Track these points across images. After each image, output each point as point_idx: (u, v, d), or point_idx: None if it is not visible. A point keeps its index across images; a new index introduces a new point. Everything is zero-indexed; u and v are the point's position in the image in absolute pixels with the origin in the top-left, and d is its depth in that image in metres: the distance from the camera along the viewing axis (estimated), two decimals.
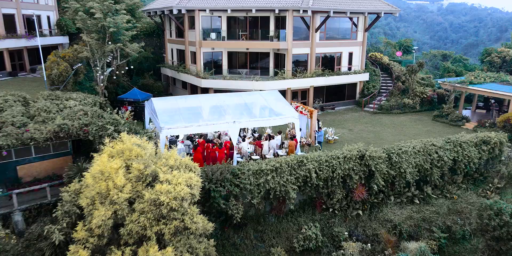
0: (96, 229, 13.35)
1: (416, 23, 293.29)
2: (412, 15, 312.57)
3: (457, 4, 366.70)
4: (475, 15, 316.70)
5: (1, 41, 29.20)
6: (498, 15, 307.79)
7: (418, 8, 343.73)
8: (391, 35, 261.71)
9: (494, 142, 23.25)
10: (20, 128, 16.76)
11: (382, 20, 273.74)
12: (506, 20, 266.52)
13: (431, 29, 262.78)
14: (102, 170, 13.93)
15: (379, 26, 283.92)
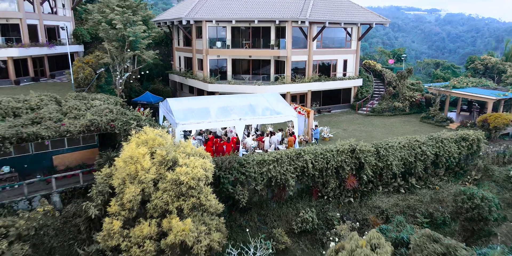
0: (127, 204, 15.99)
1: (414, 33, 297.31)
2: (410, 25, 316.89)
3: (454, 14, 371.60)
4: (472, 25, 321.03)
5: (26, 49, 32.16)
6: (495, 25, 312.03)
7: (416, 18, 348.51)
8: (389, 44, 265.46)
9: (472, 139, 25.94)
10: (57, 122, 19.48)
11: (381, 30, 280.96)
12: (503, 30, 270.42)
13: (429, 39, 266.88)
14: (131, 155, 16.60)
15: (377, 36, 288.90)
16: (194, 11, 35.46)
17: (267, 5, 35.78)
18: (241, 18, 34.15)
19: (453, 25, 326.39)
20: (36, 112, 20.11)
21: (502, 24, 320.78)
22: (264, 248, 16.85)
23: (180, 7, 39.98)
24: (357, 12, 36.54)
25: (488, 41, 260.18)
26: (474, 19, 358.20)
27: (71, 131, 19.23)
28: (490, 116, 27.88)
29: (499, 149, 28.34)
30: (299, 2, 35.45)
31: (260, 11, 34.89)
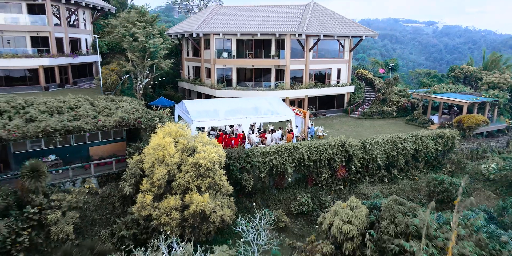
0: (156, 182, 19.80)
1: (412, 44, 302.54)
2: (408, 37, 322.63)
3: (451, 26, 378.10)
4: (469, 37, 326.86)
5: (55, 58, 36.16)
6: (492, 37, 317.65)
7: (414, 30, 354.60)
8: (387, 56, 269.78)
9: (447, 137, 29.80)
10: (93, 119, 23.36)
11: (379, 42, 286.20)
12: (499, 42, 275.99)
13: (426, 51, 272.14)
14: (159, 144, 20.46)
15: (375, 48, 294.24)
16: (203, 25, 39.67)
17: (268, 20, 40.05)
18: (245, 32, 38.33)
19: (450, 37, 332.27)
20: (75, 111, 24.00)
21: (499, 36, 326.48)
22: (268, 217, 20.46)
23: (190, 22, 44.26)
24: (348, 26, 40.77)
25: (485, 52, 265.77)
26: (471, 31, 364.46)
27: (106, 126, 23.13)
28: (464, 117, 31.81)
29: (473, 146, 32.20)
30: (297, 17, 39.73)
31: (262, 25, 39.13)
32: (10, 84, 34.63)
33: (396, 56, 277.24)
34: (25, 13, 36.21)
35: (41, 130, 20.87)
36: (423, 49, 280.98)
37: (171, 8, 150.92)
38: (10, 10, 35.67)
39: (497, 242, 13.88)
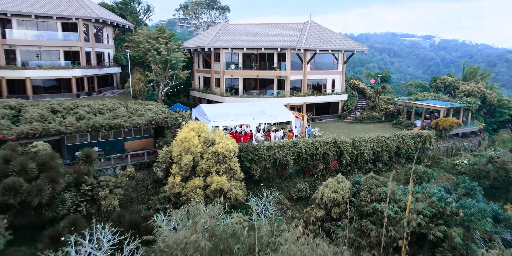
0: (184, 167, 24.75)
1: (410, 58, 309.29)
2: (406, 51, 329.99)
3: (448, 40, 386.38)
4: (466, 51, 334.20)
5: (85, 70, 41.49)
6: (488, 51, 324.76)
7: (412, 44, 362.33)
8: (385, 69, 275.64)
9: (425, 136, 34.84)
10: (129, 118, 28.44)
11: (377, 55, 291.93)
12: (495, 56, 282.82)
13: (424, 64, 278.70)
14: (185, 137, 25.49)
15: (373, 61, 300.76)
16: (214, 41, 45.15)
17: (271, 36, 45.56)
18: (250, 46, 43.78)
19: (447, 51, 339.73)
20: (113, 112, 29.11)
21: (495, 49, 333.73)
22: (273, 194, 25.31)
23: (201, 37, 49.81)
24: (341, 41, 46.28)
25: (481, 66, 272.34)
26: (468, 45, 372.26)
27: (139, 124, 28.23)
28: (440, 120, 36.93)
29: (448, 145, 37.22)
30: (296, 34, 45.25)
31: (265, 41, 44.61)
32: (48, 92, 39.83)
33: (394, 69, 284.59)
34: (60, 30, 41.68)
35: (90, 125, 25.97)
36: (421, 63, 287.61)
37: (174, 23, 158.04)
38: (47, 28, 41.14)
39: (444, 203, 18.80)
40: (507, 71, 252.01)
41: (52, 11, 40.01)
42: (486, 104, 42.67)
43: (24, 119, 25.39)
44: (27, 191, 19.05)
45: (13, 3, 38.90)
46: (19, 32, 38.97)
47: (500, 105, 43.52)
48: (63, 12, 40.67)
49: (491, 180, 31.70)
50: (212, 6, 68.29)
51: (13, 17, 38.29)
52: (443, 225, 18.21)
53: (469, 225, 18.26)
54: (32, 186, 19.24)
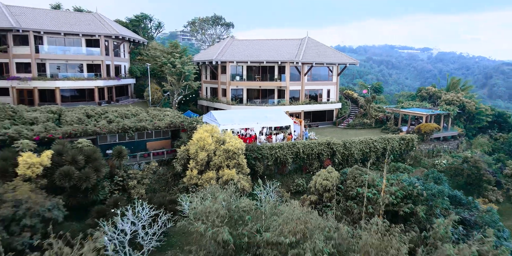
0: (199, 162, 29.42)
1: (408, 70, 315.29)
2: (404, 63, 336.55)
3: (446, 53, 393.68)
4: (463, 63, 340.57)
5: (106, 81, 46.48)
6: (485, 63, 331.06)
7: (410, 56, 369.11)
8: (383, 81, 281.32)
9: (408, 139, 39.56)
10: (151, 122, 33.22)
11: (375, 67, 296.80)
12: (491, 68, 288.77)
13: (421, 76, 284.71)
14: (200, 137, 30.24)
15: (372, 73, 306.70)
16: (221, 55, 50.27)
17: (272, 51, 50.69)
18: (254, 60, 48.86)
19: (444, 63, 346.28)
20: (137, 117, 33.90)
21: (492, 62, 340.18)
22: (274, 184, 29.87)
23: (209, 52, 54.98)
24: (335, 55, 51.40)
25: (478, 78, 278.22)
26: (465, 58, 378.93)
27: (160, 127, 33.01)
28: (422, 125, 41.71)
29: (429, 148, 41.93)
30: (295, 48, 50.38)
31: (267, 55, 49.71)
32: (73, 100, 44.71)
33: (392, 81, 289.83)
34: (84, 46, 46.80)
35: (120, 127, 30.76)
36: (418, 75, 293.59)
37: (175, 35, 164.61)
38: (73, 43, 46.26)
39: (413, 187, 23.44)
40: (503, 83, 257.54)
41: (78, 29, 45.19)
42: (465, 112, 47.53)
43: (65, 121, 30.18)
44: (77, 177, 23.70)
45: (45, 22, 44.09)
46: (49, 48, 44.05)
47: (479, 112, 48.36)
48: (88, 29, 45.85)
49: (465, 177, 36.27)
50: (217, 22, 73.87)
51: (45, 34, 43.41)
52: (411, 204, 22.81)
53: (431, 204, 22.81)
54: (81, 173, 23.90)
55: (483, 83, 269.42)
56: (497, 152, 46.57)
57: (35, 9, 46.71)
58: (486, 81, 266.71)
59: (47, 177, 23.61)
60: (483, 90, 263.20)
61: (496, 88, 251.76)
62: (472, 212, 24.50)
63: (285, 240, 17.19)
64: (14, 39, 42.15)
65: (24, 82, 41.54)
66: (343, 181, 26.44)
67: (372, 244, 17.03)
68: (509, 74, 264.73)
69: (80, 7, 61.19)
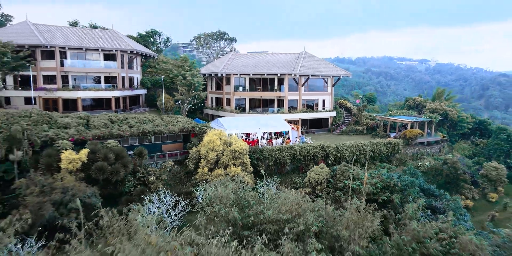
0: (209, 161, 34.03)
1: (406, 81, 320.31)
2: (402, 74, 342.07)
3: (443, 64, 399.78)
4: (460, 75, 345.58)
5: (121, 91, 51.37)
6: (482, 74, 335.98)
7: (408, 68, 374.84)
8: (381, 92, 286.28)
9: (394, 143, 44.20)
10: (166, 126, 37.89)
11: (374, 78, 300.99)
12: (489, 79, 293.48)
13: (419, 87, 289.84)
14: (210, 139, 34.91)
15: (371, 84, 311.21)
16: (225, 68, 55.26)
17: (272, 64, 55.69)
18: (255, 73, 53.80)
19: (442, 74, 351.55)
20: (153, 122, 38.61)
21: (490, 73, 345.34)
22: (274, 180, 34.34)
23: (215, 65, 60.04)
24: (330, 68, 56.38)
25: (475, 89, 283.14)
26: (462, 69, 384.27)
27: (174, 131, 37.69)
28: (407, 131, 46.40)
29: (414, 151, 46.54)
30: (293, 62, 55.39)
31: (267, 68, 54.68)
32: (93, 108, 49.49)
33: (390, 92, 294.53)
34: (102, 59, 51.82)
35: (141, 131, 35.46)
36: (417, 86, 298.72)
37: (177, 47, 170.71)
38: (92, 57, 51.28)
39: (390, 179, 28.01)
40: (500, 94, 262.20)
41: (98, 45, 50.26)
42: (448, 119, 52.26)
43: (93, 126, 34.89)
44: (109, 171, 28.29)
45: (69, 39, 49.20)
46: (72, 61, 49.05)
47: (460, 120, 53.07)
48: (106, 45, 50.93)
49: (445, 176, 40.81)
50: (221, 37, 79.20)
51: (68, 50, 48.46)
52: (388, 193, 27.35)
53: (406, 193, 27.33)
54: (112, 168, 28.50)
55: (480, 94, 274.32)
56: (477, 156, 51.17)
57: (59, 27, 51.92)
58: (483, 92, 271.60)
59: (84, 171, 28.18)
60: (480, 101, 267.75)
61: (492, 99, 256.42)
62: (441, 201, 29.01)
63: (283, 217, 21.71)
64: (42, 54, 47.15)
65: (50, 92, 46.38)
66: (333, 175, 31.04)
67: (352, 219, 21.55)
68: (506, 85, 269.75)
69: (95, 24, 66.57)
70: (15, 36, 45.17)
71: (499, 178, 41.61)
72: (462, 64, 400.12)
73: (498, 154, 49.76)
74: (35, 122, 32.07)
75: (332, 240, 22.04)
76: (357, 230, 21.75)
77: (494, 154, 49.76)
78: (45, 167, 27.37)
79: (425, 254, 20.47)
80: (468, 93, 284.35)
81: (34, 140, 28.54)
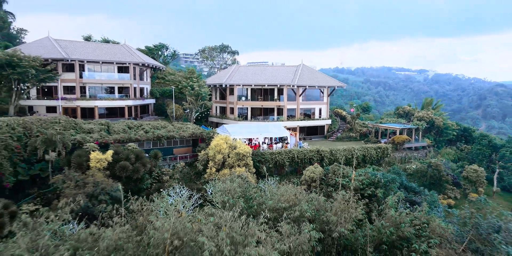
0: (217, 162, 38.38)
1: (404, 91, 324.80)
2: (401, 84, 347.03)
3: (441, 74, 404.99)
4: (458, 85, 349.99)
5: (134, 101, 55.91)
6: (480, 85, 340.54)
7: (406, 78, 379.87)
8: (380, 102, 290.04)
9: (383, 148, 48.53)
10: (177, 132, 42.29)
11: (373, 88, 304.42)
12: (486, 89, 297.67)
13: (418, 97, 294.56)
14: (217, 143, 39.31)
15: (369, 94, 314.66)
16: (229, 79, 59.91)
17: (272, 76, 60.37)
18: (257, 84, 58.43)
19: (440, 85, 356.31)
20: (166, 128, 43.02)
21: (487, 83, 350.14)
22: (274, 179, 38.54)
23: (219, 76, 64.74)
24: (325, 80, 61.03)
25: (472, 99, 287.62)
26: (460, 79, 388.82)
27: (185, 136, 42.10)
28: (395, 137, 50.79)
29: (402, 155, 50.85)
30: (291, 74, 60.06)
31: (268, 79, 59.32)
32: (109, 116, 53.93)
33: (389, 102, 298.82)
34: (116, 72, 56.48)
35: (155, 136, 39.86)
36: (415, 96, 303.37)
37: (178, 58, 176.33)
38: (108, 70, 55.95)
39: (374, 176, 32.31)
40: (497, 104, 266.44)
41: (113, 59, 54.98)
42: (434, 126, 56.70)
43: (113, 131, 39.31)
44: (130, 170, 32.59)
45: (87, 53, 53.95)
46: (89, 74, 53.71)
47: (446, 127, 57.50)
48: (120, 59, 55.65)
49: (429, 178, 45.05)
50: (224, 50, 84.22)
51: (87, 63, 53.16)
52: (373, 188, 31.59)
53: (388, 188, 31.57)
54: (133, 167, 32.81)
55: (477, 104, 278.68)
56: (462, 160, 55.45)
57: (77, 42, 56.78)
58: (480, 102, 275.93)
59: (109, 169, 32.49)
60: (478, 110, 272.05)
61: (490, 109, 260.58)
62: (420, 196, 33.24)
63: (282, 205, 25.94)
64: (62, 67, 51.81)
65: (70, 101, 50.92)
66: (326, 174, 35.32)
67: (339, 207, 25.78)
68: (503, 95, 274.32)
69: (107, 38, 71.55)
70: (39, 51, 49.90)
71: (479, 180, 45.77)
72: (460, 74, 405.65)
73: (481, 158, 54.04)
74: (63, 128, 36.49)
75: (323, 224, 26.37)
76: (343, 215, 26.14)
77: (477, 159, 54.04)
78: (77, 165, 31.69)
79: (401, 236, 24.81)
80: (466, 103, 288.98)
81: (66, 143, 32.92)
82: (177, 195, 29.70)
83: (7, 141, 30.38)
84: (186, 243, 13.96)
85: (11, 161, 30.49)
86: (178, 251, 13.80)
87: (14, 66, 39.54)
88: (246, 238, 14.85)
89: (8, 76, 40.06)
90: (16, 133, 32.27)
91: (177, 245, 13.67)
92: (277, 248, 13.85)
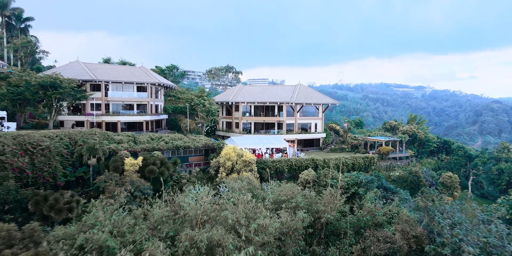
0: (227, 168, 45.51)
1: (402, 107, 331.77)
2: (399, 100, 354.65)
3: (439, 91, 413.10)
4: (455, 101, 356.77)
5: (151, 116, 63.30)
6: (477, 101, 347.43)
7: (404, 94, 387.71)
8: (378, 118, 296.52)
9: (370, 157, 55.64)
10: (193, 143, 49.50)
11: (371, 105, 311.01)
12: (482, 105, 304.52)
13: (415, 113, 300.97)
14: (227, 151, 46.53)
15: (368, 110, 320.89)
16: (235, 97, 67.52)
17: (273, 94, 68.02)
18: (259, 101, 66.00)
19: (437, 101, 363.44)
20: (181, 140, 50.25)
21: (484, 99, 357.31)
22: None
23: (226, 94, 72.45)
24: (320, 98, 68.64)
25: (469, 115, 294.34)
26: (457, 96, 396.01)
27: (198, 146, 49.32)
28: (381, 148, 57.99)
29: (387, 164, 57.94)
30: (289, 92, 67.72)
31: (269, 97, 66.91)
32: (129, 130, 61.25)
33: (387, 118, 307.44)
34: (135, 90, 64.14)
35: (174, 146, 47.08)
36: (413, 112, 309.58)
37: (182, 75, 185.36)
38: (128, 89, 63.61)
39: (357, 178, 39.35)
40: (493, 120, 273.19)
41: (134, 79, 62.72)
42: (417, 139, 63.93)
43: (139, 142, 46.55)
44: (157, 173, 39.66)
45: (111, 74, 61.73)
46: (112, 92, 61.33)
47: (428, 140, 64.72)
48: (139, 79, 63.41)
49: (409, 183, 52.01)
50: (229, 71, 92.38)
51: (111, 83, 60.86)
52: (356, 187, 38.59)
53: (368, 187, 38.55)
54: (160, 170, 39.91)
55: (474, 120, 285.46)
56: (441, 169, 62.44)
57: (103, 64, 64.70)
58: (476, 118, 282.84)
59: (140, 172, 39.58)
60: (474, 126, 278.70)
61: (486, 125, 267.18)
62: (396, 194, 40.21)
63: (281, 198, 32.98)
64: (90, 87, 59.46)
65: (96, 117, 58.34)
66: (318, 176, 42.39)
67: (327, 199, 32.83)
68: (498, 112, 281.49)
69: (124, 60, 79.60)
70: (71, 73, 57.66)
71: (453, 185, 52.68)
72: (457, 91, 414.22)
73: (458, 167, 61.07)
74: (99, 139, 43.75)
75: (314, 213, 33.11)
76: (329, 206, 33.01)
77: (454, 167, 61.07)
78: (114, 169, 38.80)
79: (375, 223, 31.62)
80: (462, 119, 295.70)
81: (104, 151, 40.13)
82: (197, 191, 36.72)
83: (59, 149, 37.58)
84: (212, 218, 21.28)
85: (62, 165, 37.63)
86: (207, 222, 21.04)
87: (56, 87, 47.07)
88: (256, 214, 22.10)
89: (50, 96, 47.54)
90: (64, 142, 39.52)
91: (206, 219, 21.09)
92: (278, 221, 21.34)
